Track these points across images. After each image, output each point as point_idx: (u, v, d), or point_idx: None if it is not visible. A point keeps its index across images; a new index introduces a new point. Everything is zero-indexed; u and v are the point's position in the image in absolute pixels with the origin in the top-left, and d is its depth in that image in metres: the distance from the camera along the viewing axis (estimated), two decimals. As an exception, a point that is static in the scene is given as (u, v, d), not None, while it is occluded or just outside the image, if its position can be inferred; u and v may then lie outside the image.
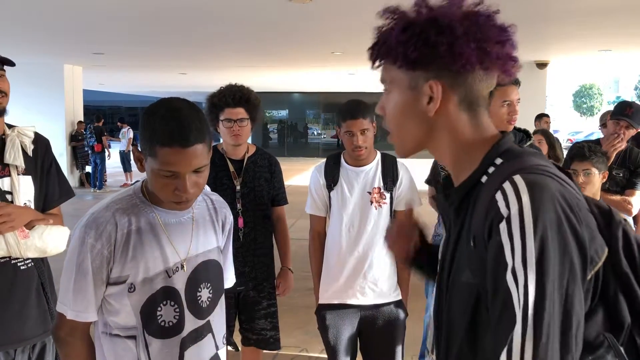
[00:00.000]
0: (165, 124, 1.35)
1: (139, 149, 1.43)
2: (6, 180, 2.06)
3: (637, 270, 0.95)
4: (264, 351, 2.89)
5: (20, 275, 2.06)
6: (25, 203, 2.08)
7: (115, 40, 9.36)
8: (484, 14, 1.00)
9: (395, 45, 0.99)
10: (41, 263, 2.14)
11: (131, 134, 13.99)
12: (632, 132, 3.48)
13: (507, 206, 0.88)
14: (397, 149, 1.09)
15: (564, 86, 33.49)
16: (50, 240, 2.06)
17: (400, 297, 2.59)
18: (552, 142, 4.95)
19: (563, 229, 0.87)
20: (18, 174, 2.08)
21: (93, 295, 1.43)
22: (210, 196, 1.69)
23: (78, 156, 13.29)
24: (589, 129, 30.40)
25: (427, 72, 0.99)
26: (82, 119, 13.52)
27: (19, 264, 2.05)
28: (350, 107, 2.51)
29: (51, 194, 2.19)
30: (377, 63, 1.05)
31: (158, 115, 1.37)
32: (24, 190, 2.09)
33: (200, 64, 12.94)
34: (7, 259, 2.01)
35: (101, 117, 13.70)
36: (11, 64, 2.13)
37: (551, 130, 6.74)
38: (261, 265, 2.77)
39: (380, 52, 1.03)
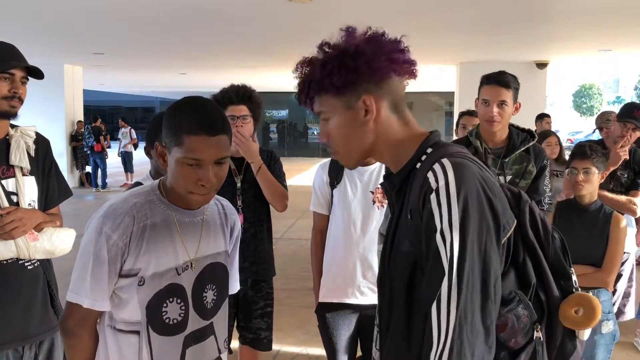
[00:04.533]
0: (192, 114, 1.42)
1: (162, 144, 1.47)
2: (11, 181, 2.07)
3: (540, 240, 1.18)
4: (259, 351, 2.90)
5: (27, 275, 2.09)
6: (29, 204, 2.10)
7: (115, 40, 9.36)
8: (379, 34, 1.20)
9: (322, 79, 1.17)
10: (47, 262, 2.18)
11: (134, 134, 13.98)
12: (639, 134, 3.47)
13: (436, 180, 1.08)
14: (345, 162, 1.28)
15: (564, 86, 33.48)
16: (58, 242, 2.09)
17: None
18: (562, 145, 5.03)
19: (481, 199, 1.07)
20: (23, 175, 2.10)
21: (107, 284, 1.45)
22: (221, 201, 1.71)
23: (78, 156, 13.29)
24: (589, 129, 30.41)
25: (356, 91, 1.17)
26: (82, 119, 13.52)
27: (25, 264, 2.08)
28: None
29: (51, 193, 2.21)
30: (309, 100, 1.23)
31: (184, 108, 1.45)
32: (28, 190, 2.11)
33: (200, 64, 12.94)
34: (14, 259, 2.03)
35: (98, 117, 13.68)
36: (40, 76, 2.17)
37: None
38: (261, 262, 2.78)
39: (311, 89, 1.21)
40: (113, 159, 14.53)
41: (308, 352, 3.98)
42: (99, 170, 13.04)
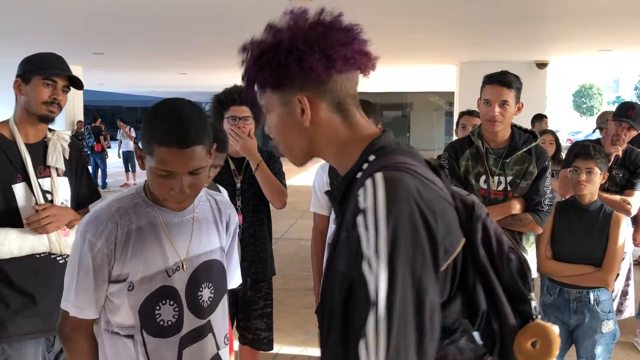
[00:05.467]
0: (164, 124, 1.37)
1: (140, 147, 1.45)
2: (47, 180, 2.22)
3: (494, 262, 1.02)
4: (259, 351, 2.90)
5: (59, 269, 2.16)
6: (62, 202, 2.25)
7: (115, 40, 9.36)
8: (324, 23, 1.07)
9: (255, 74, 1.09)
10: None
11: (133, 133, 14.00)
12: (634, 133, 3.48)
13: (365, 200, 0.94)
14: (290, 160, 1.18)
15: (564, 86, 33.49)
16: None
17: None
18: (559, 144, 5.01)
19: (415, 221, 0.92)
20: (57, 176, 2.25)
21: (93, 293, 1.45)
22: (214, 197, 1.69)
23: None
24: (589, 128, 30.42)
25: (292, 88, 1.07)
26: (82, 119, 13.52)
27: (57, 259, 2.20)
28: None
29: (82, 195, 2.38)
30: (250, 93, 1.14)
31: (159, 114, 1.40)
32: (62, 190, 2.26)
33: (200, 64, 12.94)
34: (47, 253, 2.17)
35: (97, 117, 13.69)
36: (80, 87, 2.31)
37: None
38: (261, 262, 2.79)
39: (248, 83, 1.12)
40: (113, 159, 14.54)
41: (308, 352, 3.98)
42: (99, 170, 13.05)
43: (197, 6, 6.66)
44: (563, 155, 5.13)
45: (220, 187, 2.45)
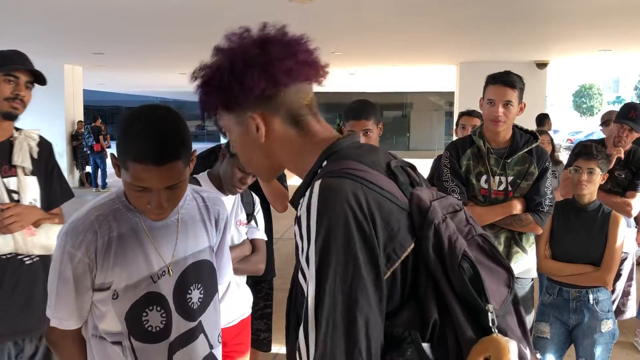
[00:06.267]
0: (138, 138, 1.28)
1: (115, 156, 1.37)
2: (13, 180, 2.15)
3: (446, 269, 0.96)
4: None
5: (26, 270, 2.14)
6: (30, 202, 2.18)
7: (116, 40, 9.36)
8: (266, 38, 1.05)
9: (204, 99, 1.09)
10: (48, 258, 2.21)
11: None
12: (635, 135, 3.49)
13: (300, 208, 0.94)
14: (258, 177, 1.17)
15: (564, 86, 33.49)
16: (55, 238, 2.13)
17: None
18: (554, 145, 5.03)
19: (348, 228, 0.90)
20: (25, 175, 2.18)
21: (75, 303, 1.41)
22: (201, 193, 1.63)
23: (78, 156, 13.29)
24: (589, 129, 30.40)
25: (242, 108, 1.06)
26: (82, 119, 13.53)
27: (24, 260, 2.14)
28: (353, 108, 2.52)
29: (53, 194, 2.29)
30: (208, 116, 1.14)
31: (133, 126, 1.31)
32: (30, 190, 2.19)
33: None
34: (13, 254, 2.10)
35: (97, 117, 13.69)
36: (42, 82, 2.27)
37: (551, 131, 6.75)
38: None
39: (202, 108, 1.11)
40: (114, 159, 14.51)
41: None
42: (99, 170, 13.05)
43: (197, 6, 6.66)
44: (557, 155, 5.15)
45: (253, 193, 2.48)
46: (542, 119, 6.91)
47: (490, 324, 0.95)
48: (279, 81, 1.03)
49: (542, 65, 11.74)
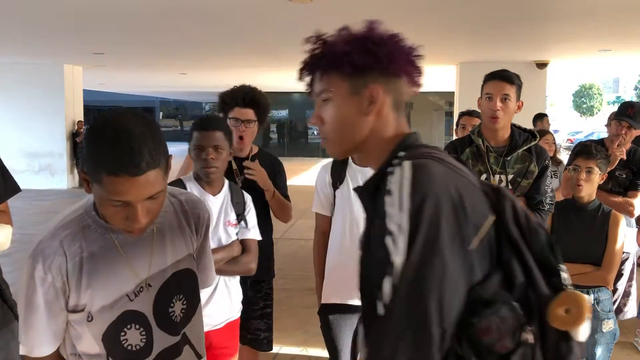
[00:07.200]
0: (110, 148, 1.17)
1: (84, 170, 1.25)
2: None
3: (525, 237, 1.10)
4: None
5: None
6: None
7: (116, 40, 9.36)
8: (400, 37, 1.16)
9: (341, 55, 1.12)
10: None
11: None
12: (635, 132, 3.50)
13: (392, 183, 1.03)
14: (333, 151, 1.22)
15: (564, 86, 33.50)
16: None
17: None
18: (556, 145, 5.04)
19: (439, 199, 1.00)
20: None
21: (47, 329, 1.34)
22: (179, 197, 1.54)
23: (79, 156, 13.30)
24: (589, 129, 30.41)
25: (367, 77, 1.13)
26: (82, 119, 13.53)
27: None
28: None
29: None
30: (312, 75, 1.18)
31: (102, 135, 1.19)
32: None
33: (200, 64, 12.94)
34: None
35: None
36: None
37: (551, 130, 6.76)
38: (261, 263, 2.78)
39: (322, 63, 1.15)
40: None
41: (308, 352, 3.98)
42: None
43: (197, 6, 6.66)
44: (559, 156, 5.16)
45: (244, 192, 2.46)
46: (538, 119, 6.92)
47: (565, 283, 1.10)
48: (409, 72, 1.15)
49: (542, 65, 11.74)
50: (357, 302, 2.53)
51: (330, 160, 2.68)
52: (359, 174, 2.54)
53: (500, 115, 2.57)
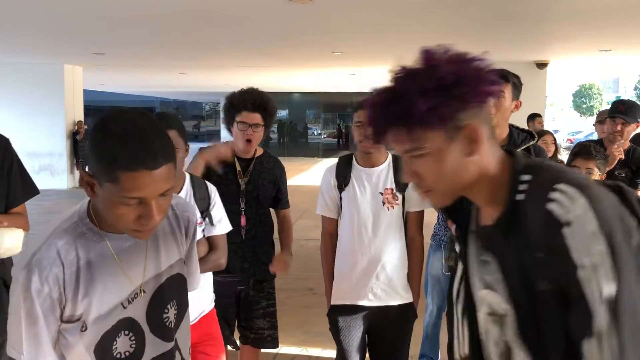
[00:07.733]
0: (127, 144, 1.15)
1: (90, 173, 1.23)
2: None
3: None
4: (264, 350, 2.91)
5: None
6: None
7: (116, 40, 9.36)
8: (469, 59, 1.06)
9: (426, 112, 1.01)
10: (1, 262, 2.13)
11: None
12: (631, 127, 3.53)
13: (567, 213, 0.95)
14: (442, 201, 1.13)
15: (564, 86, 33.49)
16: (2, 242, 2.05)
17: (411, 300, 2.57)
18: (557, 145, 5.04)
19: (621, 219, 0.96)
20: None
21: (48, 338, 1.31)
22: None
23: (79, 156, 13.31)
24: (589, 129, 30.41)
25: (459, 120, 1.03)
26: (82, 119, 13.53)
27: None
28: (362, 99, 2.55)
29: (13, 192, 2.18)
30: (397, 134, 1.07)
31: (114, 133, 1.17)
32: None
33: (200, 64, 12.94)
34: None
35: (97, 118, 13.70)
36: None
37: (551, 130, 6.76)
38: (260, 263, 2.79)
39: (404, 121, 1.04)
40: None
41: (308, 352, 3.98)
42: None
43: (197, 7, 6.66)
44: (560, 156, 5.16)
45: (209, 184, 2.37)
46: (530, 120, 6.94)
47: None
48: (493, 92, 1.05)
49: (542, 65, 11.74)
50: (367, 302, 2.55)
51: (334, 162, 2.68)
52: (363, 175, 2.54)
53: (492, 111, 2.56)
